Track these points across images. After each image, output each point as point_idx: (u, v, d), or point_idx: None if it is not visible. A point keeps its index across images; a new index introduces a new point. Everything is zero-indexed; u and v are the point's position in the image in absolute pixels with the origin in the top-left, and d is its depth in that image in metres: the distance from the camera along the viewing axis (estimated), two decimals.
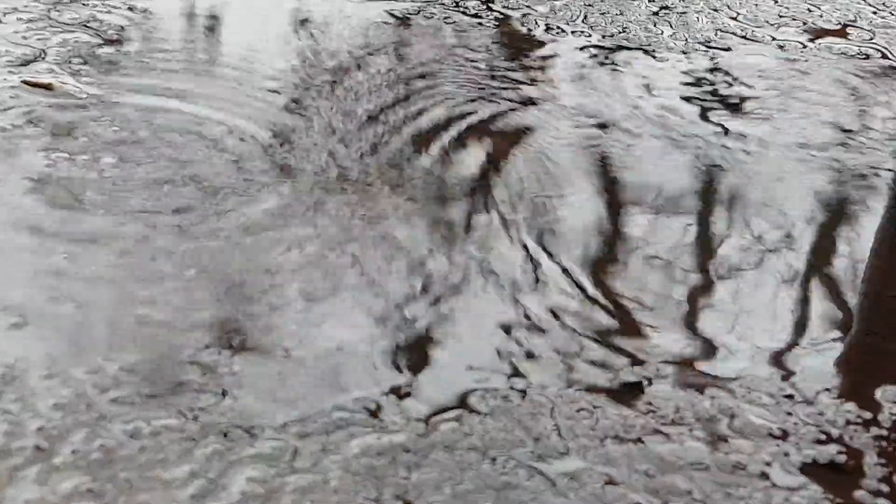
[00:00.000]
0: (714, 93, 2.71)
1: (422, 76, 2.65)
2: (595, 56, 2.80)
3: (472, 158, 2.35)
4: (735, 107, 2.67)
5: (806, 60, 2.87)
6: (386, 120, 2.45)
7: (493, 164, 2.36)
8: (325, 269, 1.98)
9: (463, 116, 2.50)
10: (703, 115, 2.61)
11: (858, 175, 2.49)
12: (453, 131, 2.43)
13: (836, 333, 2.04)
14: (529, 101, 2.59)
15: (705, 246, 2.21)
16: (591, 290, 2.01)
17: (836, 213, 2.36)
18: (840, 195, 2.42)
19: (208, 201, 2.14)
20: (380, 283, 1.97)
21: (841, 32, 3.02)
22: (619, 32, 2.91)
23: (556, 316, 1.94)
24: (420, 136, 2.41)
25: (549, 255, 2.09)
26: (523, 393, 1.81)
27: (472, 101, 2.57)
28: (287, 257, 1.99)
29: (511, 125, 2.50)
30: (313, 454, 1.66)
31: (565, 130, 2.48)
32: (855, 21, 3.08)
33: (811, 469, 1.74)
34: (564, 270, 2.05)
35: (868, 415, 1.84)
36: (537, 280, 2.02)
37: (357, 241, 2.07)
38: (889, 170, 2.51)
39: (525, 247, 2.11)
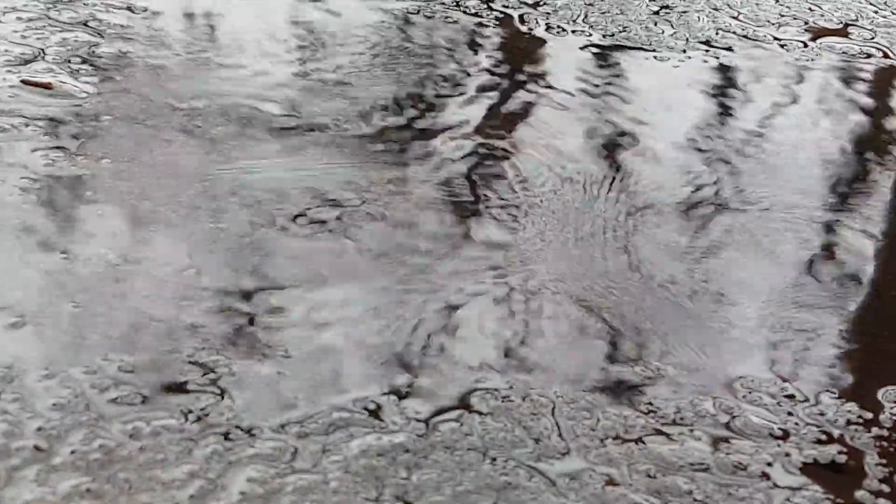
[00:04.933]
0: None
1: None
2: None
3: None
4: None
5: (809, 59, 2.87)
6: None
7: None
8: None
9: None
10: None
11: (861, 174, 2.49)
12: None
13: (838, 333, 2.04)
14: None
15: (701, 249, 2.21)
16: None
17: (838, 212, 2.35)
18: (842, 194, 2.41)
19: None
20: None
21: (842, 32, 3.02)
22: (620, 32, 2.91)
23: None
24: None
25: None
26: (524, 393, 1.81)
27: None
28: None
29: None
30: (313, 454, 1.66)
31: None
32: (856, 20, 3.07)
33: (812, 469, 1.74)
34: None
35: (869, 415, 1.84)
36: None
37: None
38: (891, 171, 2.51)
39: None
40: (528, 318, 1.95)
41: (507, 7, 2.95)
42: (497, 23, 2.89)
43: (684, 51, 2.86)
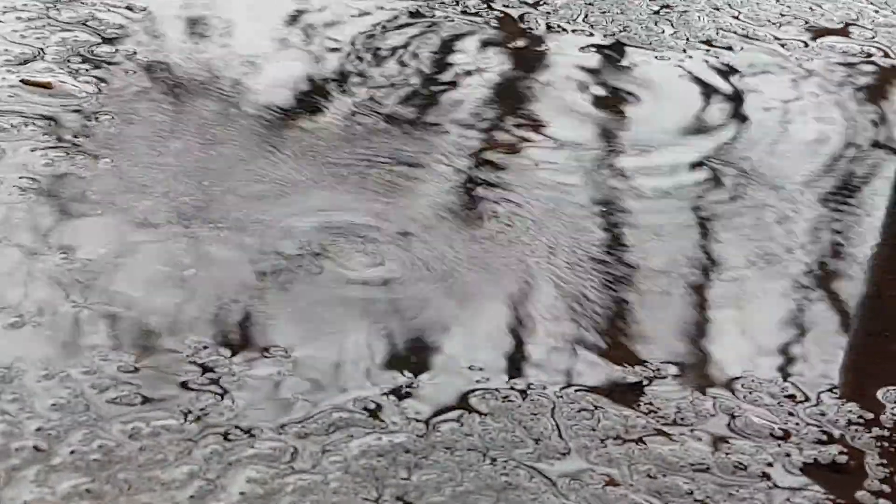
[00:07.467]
0: None
1: None
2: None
3: None
4: None
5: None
6: None
7: None
8: None
9: None
10: None
11: (860, 173, 2.49)
12: None
13: (837, 334, 2.04)
14: None
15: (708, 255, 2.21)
16: None
17: (838, 213, 2.35)
18: (842, 193, 2.41)
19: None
20: None
21: (843, 31, 3.02)
22: (620, 31, 2.91)
23: None
24: None
25: None
26: (524, 393, 1.81)
27: None
28: None
29: None
30: (313, 455, 1.66)
31: None
32: (857, 20, 3.07)
33: (813, 469, 1.74)
34: None
35: (869, 415, 1.84)
36: None
37: None
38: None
39: None
40: None
41: (507, 6, 2.95)
42: (497, 22, 2.89)
43: (685, 50, 2.86)
